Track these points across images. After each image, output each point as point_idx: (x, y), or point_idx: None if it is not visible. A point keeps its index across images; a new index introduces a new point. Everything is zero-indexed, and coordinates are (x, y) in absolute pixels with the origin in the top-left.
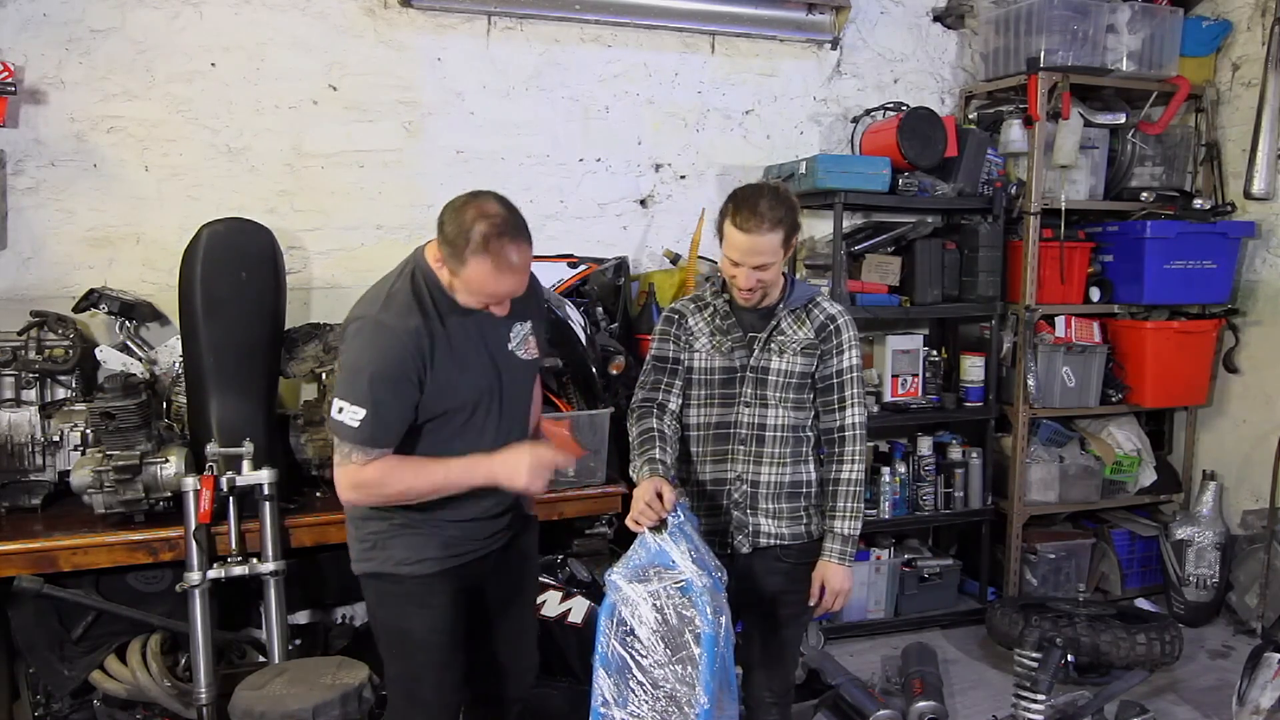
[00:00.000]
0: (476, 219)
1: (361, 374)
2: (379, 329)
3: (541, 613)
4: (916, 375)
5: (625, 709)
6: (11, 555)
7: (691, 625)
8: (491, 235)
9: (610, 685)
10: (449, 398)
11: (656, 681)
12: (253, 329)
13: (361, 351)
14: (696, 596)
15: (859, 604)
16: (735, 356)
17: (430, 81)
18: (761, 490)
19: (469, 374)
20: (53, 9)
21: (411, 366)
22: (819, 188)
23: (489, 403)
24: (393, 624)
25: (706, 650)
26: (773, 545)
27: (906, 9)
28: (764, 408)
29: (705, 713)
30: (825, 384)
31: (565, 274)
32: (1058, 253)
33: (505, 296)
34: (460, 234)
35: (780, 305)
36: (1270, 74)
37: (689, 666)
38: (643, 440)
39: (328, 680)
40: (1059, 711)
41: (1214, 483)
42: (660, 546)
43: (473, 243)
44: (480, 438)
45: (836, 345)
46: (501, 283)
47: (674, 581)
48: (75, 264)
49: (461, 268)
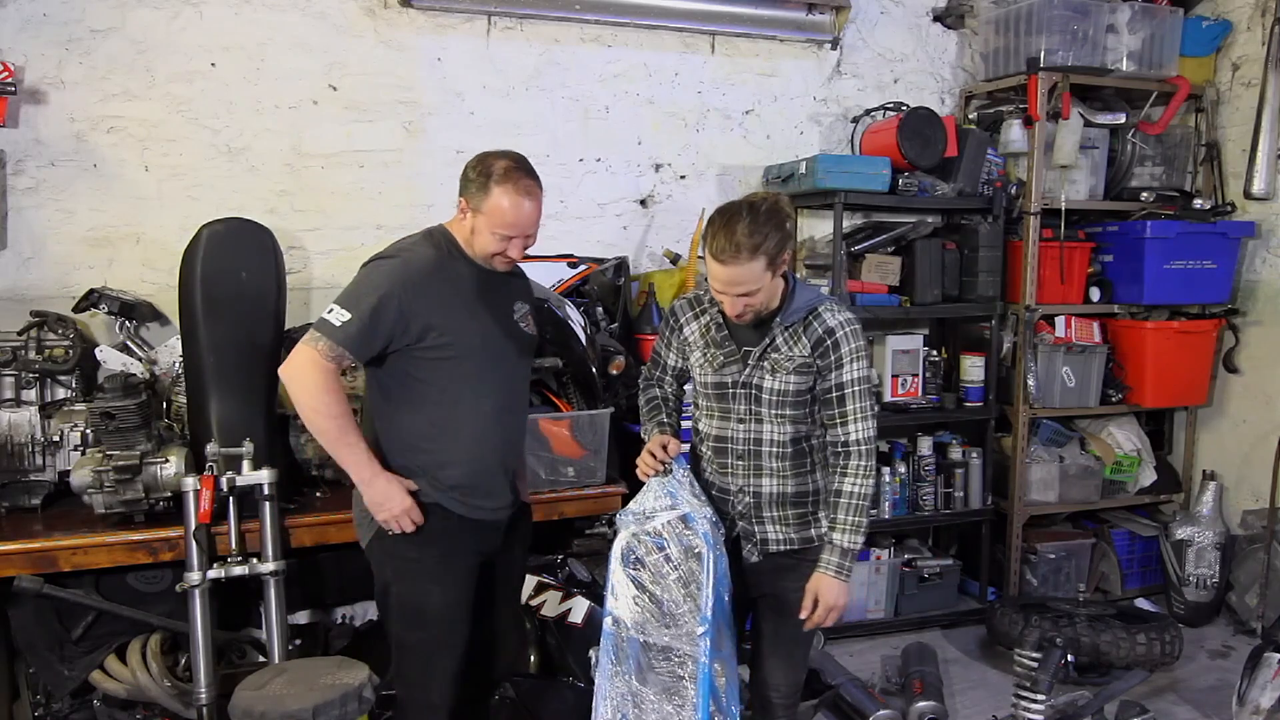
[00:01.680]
0: (497, 159)
1: (361, 287)
2: (391, 261)
3: (541, 613)
4: (916, 375)
5: (629, 626)
6: (11, 555)
7: (695, 552)
8: (511, 168)
9: (617, 604)
10: (455, 327)
11: (662, 602)
12: (253, 329)
13: (369, 273)
14: (698, 525)
15: (859, 604)
16: (727, 372)
17: (430, 81)
18: (764, 500)
19: (477, 320)
20: (53, 9)
21: (410, 295)
22: (819, 188)
23: (494, 359)
24: (411, 598)
25: (710, 572)
26: (782, 550)
27: (906, 9)
28: (759, 424)
29: (708, 629)
30: (826, 398)
31: (565, 274)
32: (1058, 253)
33: (523, 230)
34: (483, 171)
35: (777, 320)
36: (1270, 74)
37: (691, 586)
38: (650, 407)
39: (328, 680)
40: (1059, 711)
41: (1214, 483)
42: (665, 488)
43: (495, 174)
44: (485, 397)
45: (836, 360)
46: (521, 211)
47: (679, 514)
48: (75, 264)
49: (485, 199)
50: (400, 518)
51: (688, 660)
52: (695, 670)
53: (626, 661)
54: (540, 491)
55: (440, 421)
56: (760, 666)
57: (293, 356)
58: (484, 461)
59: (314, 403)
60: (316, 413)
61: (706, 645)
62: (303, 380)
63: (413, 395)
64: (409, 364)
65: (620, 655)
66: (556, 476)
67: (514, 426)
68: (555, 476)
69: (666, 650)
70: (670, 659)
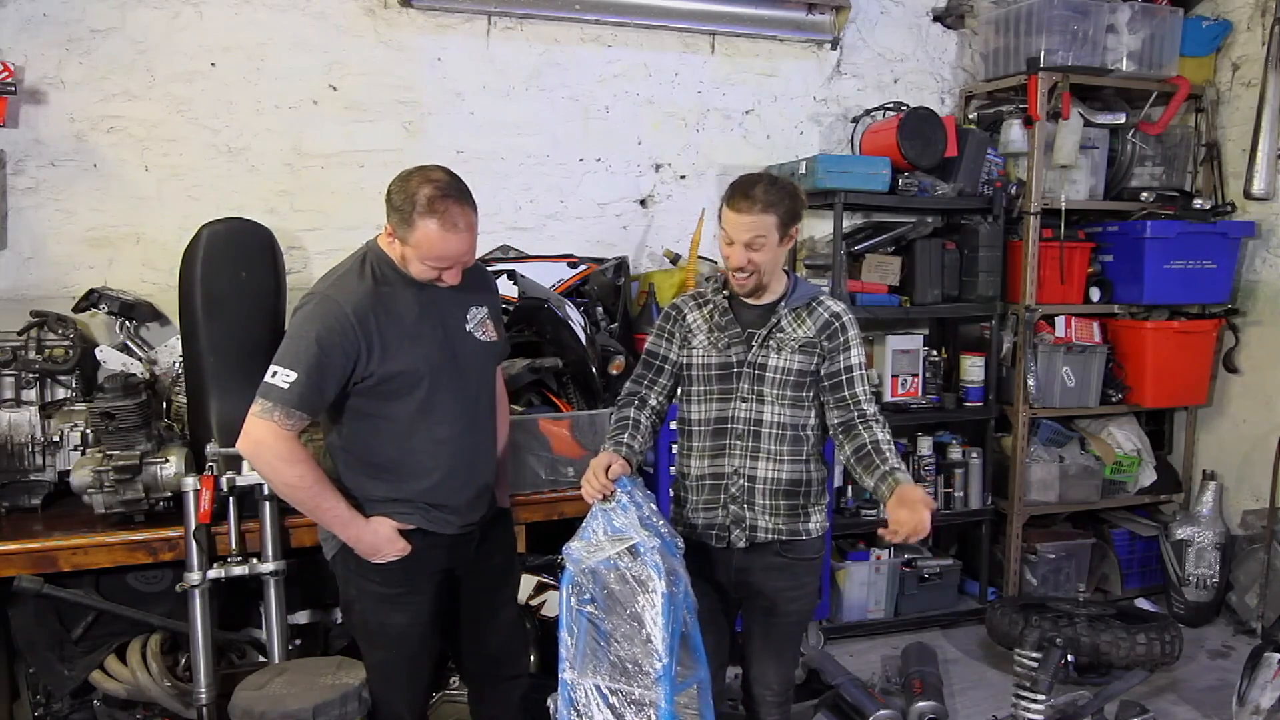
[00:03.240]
0: (421, 184)
1: (301, 341)
2: (324, 301)
3: (541, 613)
4: (916, 375)
5: (587, 671)
6: (11, 555)
7: (645, 586)
8: (436, 198)
9: (572, 648)
10: (399, 360)
11: (615, 642)
12: (253, 329)
13: (303, 321)
14: (646, 556)
15: (859, 604)
16: (732, 353)
17: (430, 81)
18: (758, 486)
19: (421, 346)
20: (53, 9)
21: (351, 337)
22: (819, 188)
23: (446, 381)
24: (372, 619)
25: (662, 610)
26: (771, 540)
27: (906, 9)
28: (760, 404)
29: (665, 667)
30: (834, 381)
31: (565, 274)
32: (1058, 253)
33: (454, 260)
34: (407, 200)
35: (782, 303)
36: (1270, 74)
37: (644, 626)
38: (618, 426)
39: (328, 680)
40: (1059, 711)
41: (1214, 483)
42: (609, 515)
43: (419, 206)
44: (440, 424)
45: (843, 343)
46: (449, 243)
47: (625, 545)
48: (75, 264)
49: (410, 232)
50: (391, 555)
51: (648, 709)
52: (657, 717)
53: (588, 709)
54: (540, 491)
55: (395, 453)
56: (752, 665)
57: (249, 430)
58: (446, 485)
59: (287, 478)
60: (292, 487)
61: (665, 690)
62: (268, 458)
63: (364, 429)
64: (358, 400)
65: (580, 705)
66: (556, 476)
67: (479, 443)
68: (555, 476)
69: (625, 696)
70: (628, 705)
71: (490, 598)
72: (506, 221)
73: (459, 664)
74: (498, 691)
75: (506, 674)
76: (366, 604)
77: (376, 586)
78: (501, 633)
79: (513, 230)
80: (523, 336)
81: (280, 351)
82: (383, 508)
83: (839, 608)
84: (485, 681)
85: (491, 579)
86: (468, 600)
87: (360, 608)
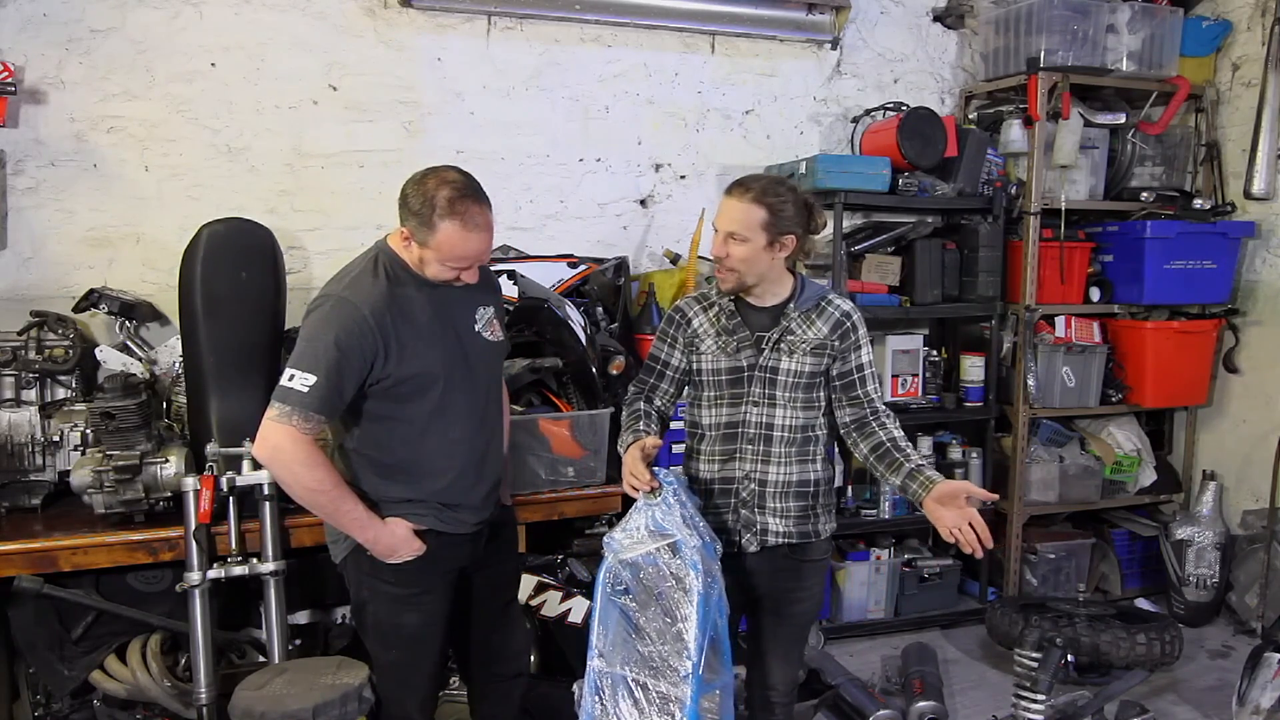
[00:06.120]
0: (439, 186)
1: (317, 343)
2: (340, 303)
3: (541, 613)
4: (916, 375)
5: (616, 662)
6: (11, 555)
7: (682, 583)
8: (456, 199)
9: (603, 637)
10: (415, 362)
11: (647, 636)
12: (253, 329)
13: (319, 323)
14: (687, 555)
15: (859, 604)
16: (742, 357)
17: (430, 81)
18: (769, 489)
19: (435, 347)
20: (53, 9)
21: (369, 340)
22: (819, 188)
23: (460, 381)
24: (386, 620)
25: (697, 608)
26: (781, 544)
27: (906, 9)
28: (772, 407)
29: (694, 666)
30: (846, 380)
31: (565, 274)
32: (1058, 253)
33: (475, 259)
34: (425, 203)
35: (791, 305)
36: (1270, 74)
37: (677, 624)
38: (631, 418)
39: (328, 680)
40: (1059, 711)
41: (1214, 483)
42: (653, 510)
43: (439, 208)
44: (453, 424)
45: (854, 341)
46: (470, 243)
47: (666, 542)
48: (75, 264)
49: (432, 235)
50: (407, 555)
51: (673, 705)
52: (682, 716)
53: (614, 699)
54: (540, 491)
55: (409, 454)
56: (758, 666)
57: (267, 435)
58: (459, 484)
59: (307, 482)
60: (312, 491)
61: (692, 689)
62: (288, 463)
63: (379, 431)
64: (373, 402)
65: (606, 694)
66: (556, 476)
67: (489, 442)
68: (555, 476)
69: (652, 690)
70: (654, 700)
71: (496, 596)
72: (506, 221)
73: (461, 662)
74: (499, 690)
75: (508, 673)
76: (380, 605)
77: (391, 587)
78: (505, 631)
79: (513, 230)
80: (523, 336)
81: (296, 354)
82: (397, 508)
83: (839, 608)
84: (487, 680)
85: (498, 577)
86: (476, 598)
87: (374, 609)
